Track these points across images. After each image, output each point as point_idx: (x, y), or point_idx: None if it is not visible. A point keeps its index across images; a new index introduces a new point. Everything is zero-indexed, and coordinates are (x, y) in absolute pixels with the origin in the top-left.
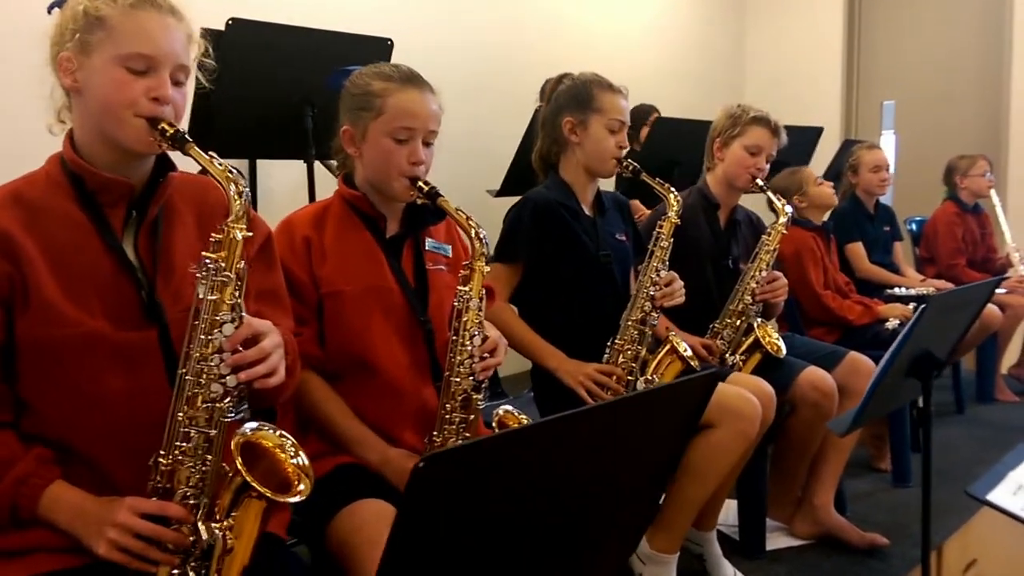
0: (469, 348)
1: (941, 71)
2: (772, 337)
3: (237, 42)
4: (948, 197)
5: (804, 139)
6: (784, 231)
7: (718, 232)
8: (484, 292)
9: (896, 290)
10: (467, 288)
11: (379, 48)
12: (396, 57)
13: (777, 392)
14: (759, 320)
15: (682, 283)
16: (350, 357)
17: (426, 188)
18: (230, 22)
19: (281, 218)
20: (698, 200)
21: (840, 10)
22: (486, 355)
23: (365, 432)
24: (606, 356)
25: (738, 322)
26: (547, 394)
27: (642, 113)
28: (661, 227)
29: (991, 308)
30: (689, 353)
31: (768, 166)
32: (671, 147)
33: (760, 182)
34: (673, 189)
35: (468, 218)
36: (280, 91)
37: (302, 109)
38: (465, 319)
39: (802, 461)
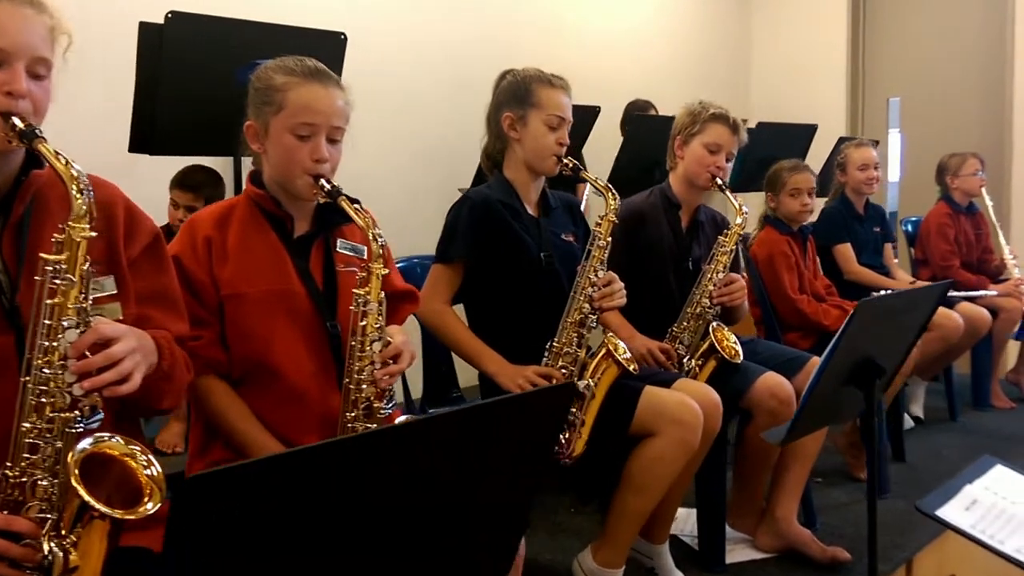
0: (369, 354)
1: (947, 67)
2: (729, 341)
3: (178, 37)
4: (941, 197)
5: (798, 137)
6: (741, 232)
7: (679, 233)
8: (384, 296)
9: (882, 293)
10: (364, 291)
11: (332, 43)
12: (383, 56)
13: (734, 399)
14: (715, 324)
15: (622, 284)
16: (252, 362)
17: (327, 187)
18: (169, 15)
19: None
20: (659, 200)
21: (844, 6)
22: (389, 361)
23: (267, 440)
24: (544, 359)
25: (696, 326)
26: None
27: (637, 110)
28: (599, 226)
29: (979, 312)
30: (628, 356)
31: (729, 165)
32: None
33: (720, 181)
34: (612, 188)
35: (367, 218)
36: (225, 87)
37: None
38: (363, 324)
39: (762, 470)
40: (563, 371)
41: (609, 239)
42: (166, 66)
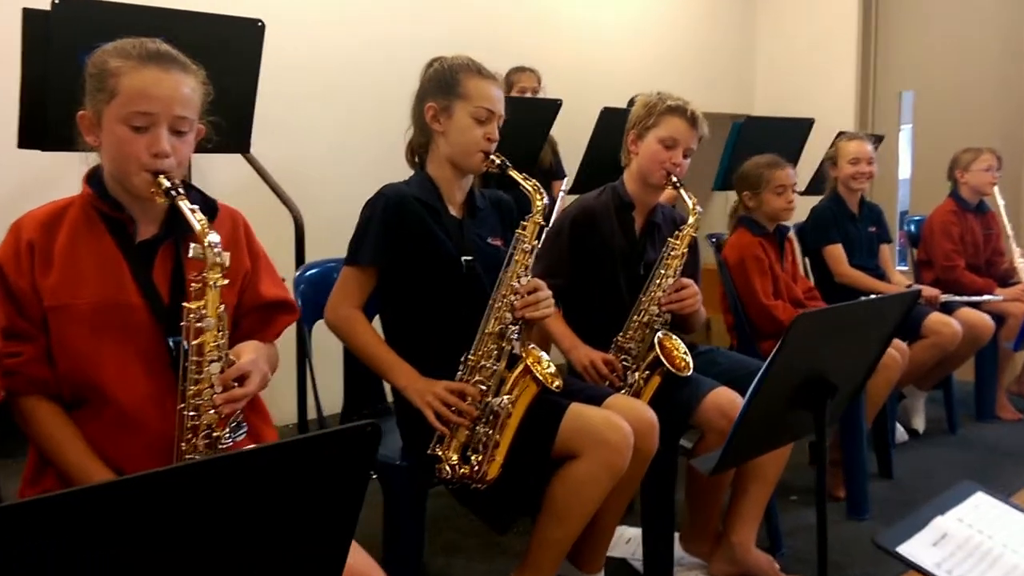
0: (207, 376)
1: (964, 59)
2: (679, 352)
3: (68, 24)
4: (949, 194)
5: (792, 131)
6: (694, 233)
7: (632, 234)
8: (223, 310)
9: (872, 297)
10: (198, 305)
11: (247, 31)
12: (350, 49)
13: (684, 415)
14: (662, 333)
15: (549, 293)
16: (79, 382)
17: (166, 184)
18: (56, 1)
19: None
20: (611, 199)
21: None
22: (234, 384)
23: (94, 471)
24: (459, 373)
25: (644, 335)
26: (408, 416)
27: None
28: (524, 229)
29: (981, 318)
30: (552, 370)
31: (687, 161)
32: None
33: (675, 179)
34: (541, 189)
35: (203, 223)
36: None
37: None
38: (198, 342)
39: (715, 493)
40: (479, 386)
41: (536, 243)
42: (55, 56)
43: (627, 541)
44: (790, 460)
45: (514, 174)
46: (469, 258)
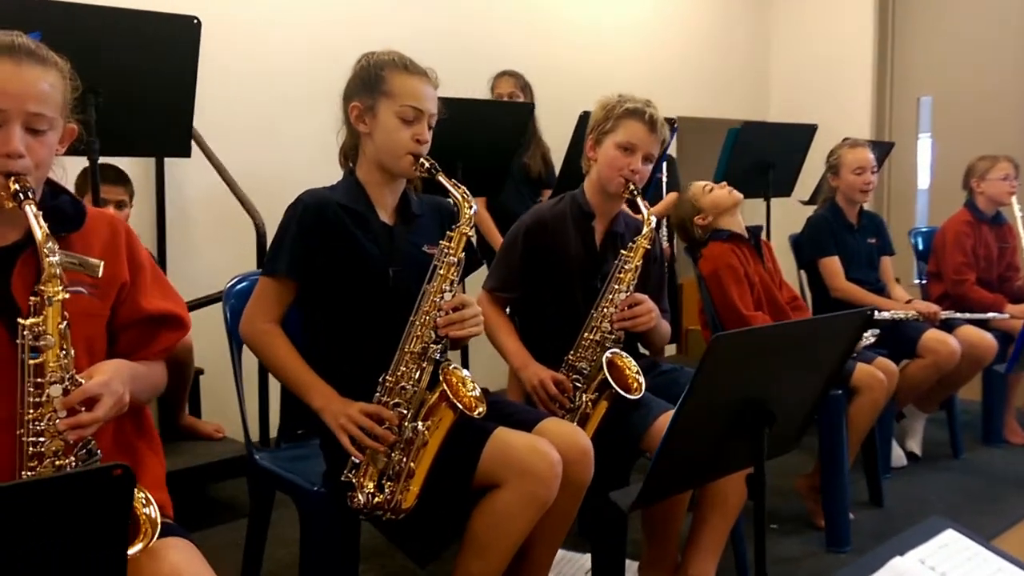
0: (48, 400)
1: (985, 65)
2: (631, 371)
3: None
4: (964, 204)
5: (796, 137)
6: (648, 245)
7: (591, 246)
8: (66, 327)
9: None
10: (35, 322)
11: (183, 28)
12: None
13: (634, 440)
14: (611, 352)
15: (478, 309)
16: None
17: (14, 187)
18: None
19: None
20: (569, 208)
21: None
22: (80, 408)
23: None
24: (377, 394)
25: (596, 354)
26: (329, 439)
27: None
28: (450, 240)
29: (983, 337)
30: (476, 393)
31: (648, 167)
32: None
33: (633, 187)
34: (470, 198)
35: (43, 230)
36: None
37: (84, 98)
38: (38, 362)
39: (670, 523)
40: (399, 410)
41: (462, 255)
42: None
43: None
44: (773, 486)
45: (443, 179)
46: (398, 268)
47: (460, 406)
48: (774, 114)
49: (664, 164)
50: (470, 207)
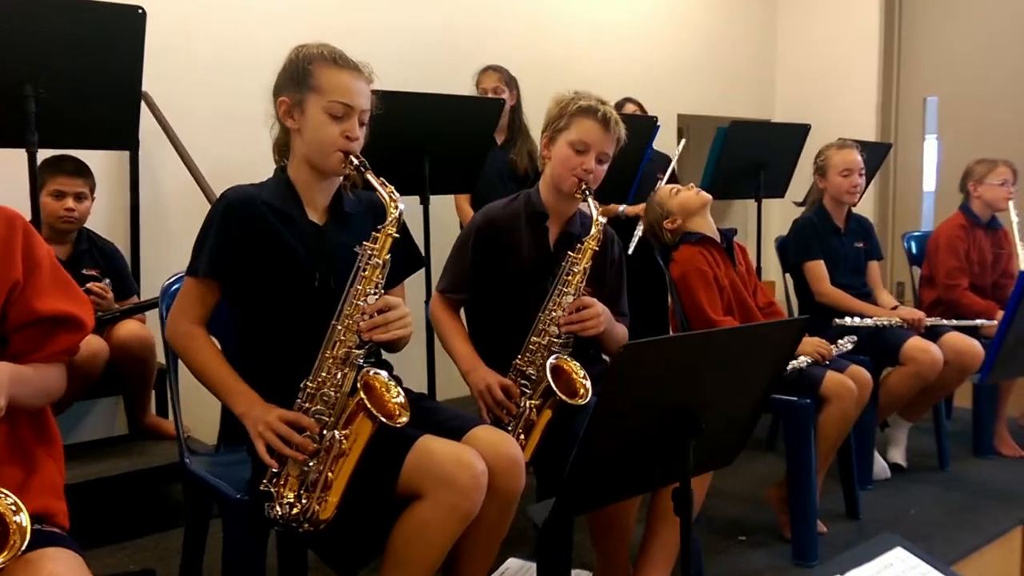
0: None
1: (992, 65)
2: (577, 377)
3: None
4: (960, 207)
5: (788, 137)
6: (596, 247)
7: (544, 247)
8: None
9: (847, 319)
10: None
11: (126, 19)
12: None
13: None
14: (555, 357)
15: (404, 311)
16: None
17: None
18: None
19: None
20: (523, 208)
21: None
22: None
23: None
24: (298, 401)
25: (544, 359)
26: (252, 446)
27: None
28: (374, 242)
29: (969, 344)
30: (400, 400)
31: (602, 167)
32: None
33: (586, 187)
34: (398, 197)
35: None
36: None
37: (23, 90)
38: None
39: (618, 533)
40: (318, 417)
41: (387, 256)
42: None
43: None
44: (744, 495)
45: (371, 178)
46: (325, 269)
47: (378, 415)
48: (779, 113)
49: (669, 174)
50: (396, 207)
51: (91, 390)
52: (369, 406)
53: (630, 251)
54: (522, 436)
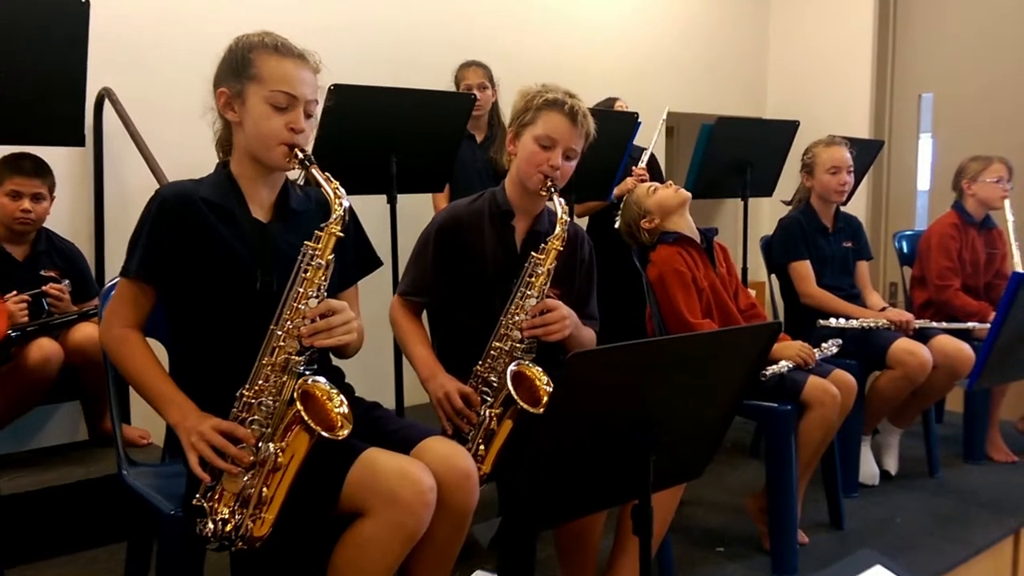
0: None
1: (988, 60)
2: (540, 383)
3: None
4: (953, 205)
5: (776, 134)
6: (560, 247)
7: (510, 247)
8: None
9: (832, 321)
10: None
11: (70, 9)
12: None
13: None
14: (517, 363)
15: (349, 316)
16: None
17: None
18: None
19: None
20: (488, 206)
21: None
22: None
23: None
24: (234, 410)
25: (507, 364)
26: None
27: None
28: (317, 241)
29: (959, 347)
30: (343, 411)
31: (571, 163)
32: None
33: (552, 184)
34: (343, 194)
35: None
36: None
37: None
38: None
39: (583, 547)
40: (255, 428)
41: (331, 257)
42: None
43: None
44: (725, 503)
45: (316, 173)
46: (268, 270)
47: (316, 427)
48: (771, 110)
49: (646, 160)
50: (341, 205)
51: (49, 395)
52: (306, 418)
53: (616, 225)
54: (482, 447)
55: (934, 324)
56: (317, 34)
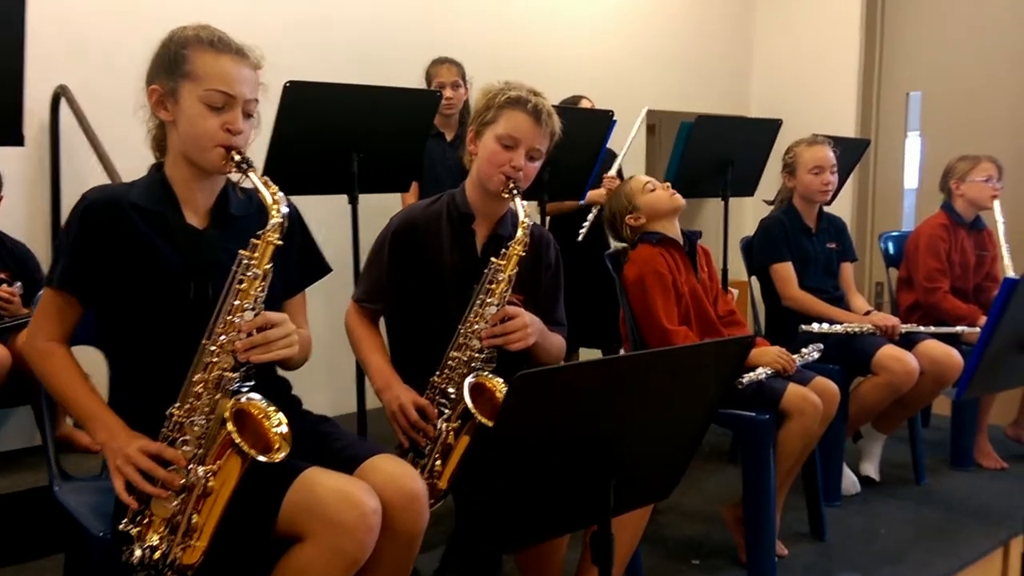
0: None
1: (977, 58)
2: (502, 395)
3: None
4: (942, 206)
5: (758, 133)
6: (522, 252)
7: (470, 252)
8: None
9: (815, 325)
10: None
11: (4, 5)
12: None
13: None
14: (475, 376)
15: (288, 329)
16: None
17: None
18: None
19: None
20: (446, 209)
21: None
22: None
23: None
24: (164, 430)
25: (465, 375)
26: None
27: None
28: (253, 250)
29: (947, 353)
30: (282, 430)
31: (534, 164)
32: None
33: (514, 186)
34: (281, 200)
35: None
36: None
37: None
38: None
39: (545, 567)
40: (186, 450)
41: (268, 267)
42: None
43: None
44: (703, 512)
45: (253, 177)
46: (203, 279)
47: (248, 450)
48: (755, 108)
49: (615, 169)
50: (279, 211)
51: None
52: (237, 440)
53: (580, 238)
54: (439, 462)
55: (921, 328)
56: (286, 31)
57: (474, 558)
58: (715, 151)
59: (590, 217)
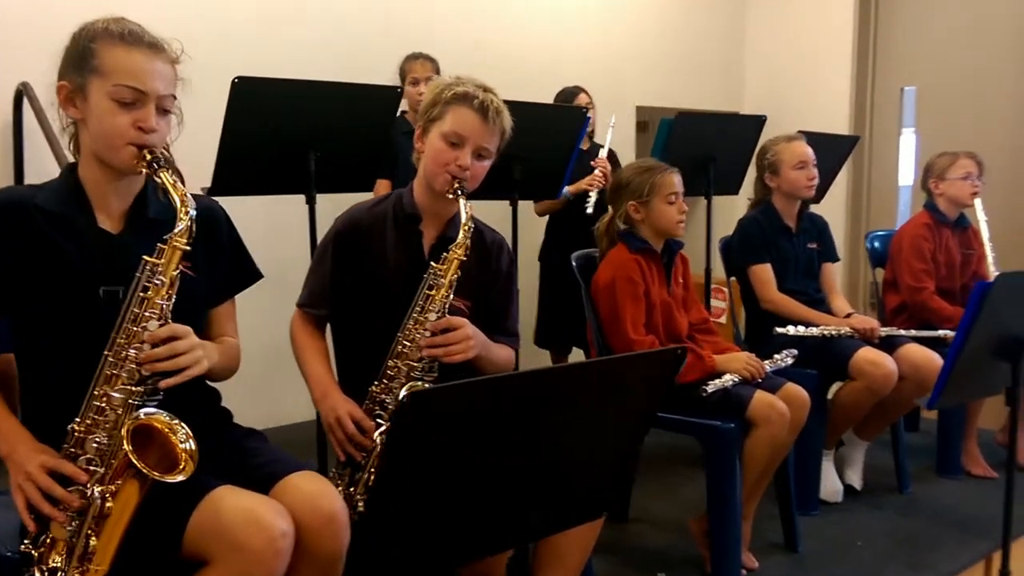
0: None
1: (972, 52)
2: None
3: None
4: (925, 205)
5: (742, 130)
6: (463, 256)
7: (416, 254)
8: None
9: (790, 328)
10: None
11: None
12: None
13: None
14: (410, 386)
15: (193, 343)
16: None
17: None
18: None
19: None
20: (392, 209)
21: None
22: None
23: None
24: (65, 447)
25: (404, 386)
26: None
27: (566, 98)
28: (159, 256)
29: (928, 357)
30: (189, 446)
31: (483, 163)
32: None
33: (459, 186)
34: (190, 202)
35: None
36: None
37: None
38: None
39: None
40: (90, 468)
41: (176, 273)
42: None
43: None
44: (671, 522)
45: (164, 177)
46: (112, 287)
47: (147, 471)
48: (748, 105)
49: (605, 153)
50: (187, 214)
51: None
52: (134, 460)
53: (590, 211)
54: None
55: (901, 332)
56: (258, 26)
57: None
58: (697, 148)
59: (593, 194)
